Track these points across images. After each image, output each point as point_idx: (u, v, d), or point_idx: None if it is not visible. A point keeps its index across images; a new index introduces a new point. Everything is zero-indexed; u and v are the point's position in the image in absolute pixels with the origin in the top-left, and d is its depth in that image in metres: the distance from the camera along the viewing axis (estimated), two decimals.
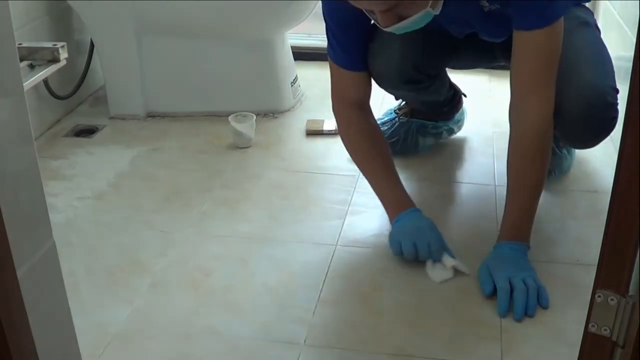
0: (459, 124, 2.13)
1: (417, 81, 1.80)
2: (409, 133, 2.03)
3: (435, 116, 2.06)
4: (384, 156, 1.70)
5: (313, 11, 2.22)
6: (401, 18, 1.40)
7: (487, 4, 1.53)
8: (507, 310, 1.44)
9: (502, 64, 1.88)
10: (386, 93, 1.93)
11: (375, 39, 1.73)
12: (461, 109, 2.13)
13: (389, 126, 2.05)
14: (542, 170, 1.53)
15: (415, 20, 1.41)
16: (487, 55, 1.85)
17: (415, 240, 1.55)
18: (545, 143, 1.52)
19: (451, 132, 2.12)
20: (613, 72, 1.62)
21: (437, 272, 1.55)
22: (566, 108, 1.55)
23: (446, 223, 1.71)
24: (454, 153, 2.09)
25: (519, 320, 1.42)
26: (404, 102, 2.09)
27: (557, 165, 1.89)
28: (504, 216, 1.56)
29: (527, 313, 1.43)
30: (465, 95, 2.12)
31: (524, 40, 1.46)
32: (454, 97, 2.06)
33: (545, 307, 1.45)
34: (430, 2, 1.39)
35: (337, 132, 1.83)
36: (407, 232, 1.57)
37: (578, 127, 1.60)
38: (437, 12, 1.43)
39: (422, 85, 1.83)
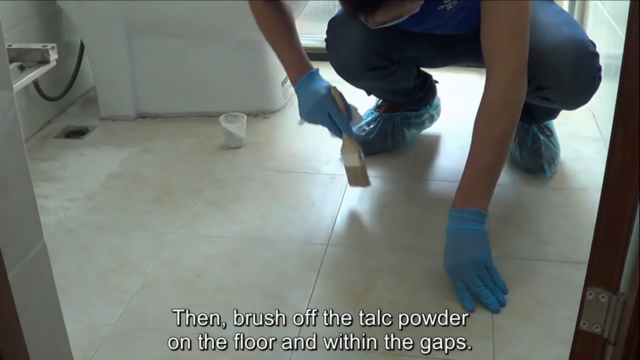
0: (438, 109, 2.15)
1: (380, 67, 1.81)
2: (395, 127, 2.05)
3: (415, 105, 2.07)
4: (290, 30, 1.79)
5: (303, 11, 2.21)
6: (393, 18, 1.45)
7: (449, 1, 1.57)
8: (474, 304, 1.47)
9: (463, 60, 1.95)
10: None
11: (330, 31, 1.79)
12: (437, 95, 2.13)
13: (375, 124, 2.05)
14: (508, 126, 1.50)
15: (404, 19, 1.47)
16: (446, 46, 1.85)
17: (317, 113, 1.74)
18: (515, 98, 1.51)
19: (432, 119, 2.14)
20: (585, 32, 1.69)
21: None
22: (552, 61, 1.57)
23: (443, 221, 1.71)
24: (447, 152, 2.09)
25: (497, 312, 1.45)
26: (380, 100, 2.10)
27: (553, 157, 1.93)
28: (461, 179, 1.53)
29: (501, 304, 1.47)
30: (437, 82, 2.12)
31: (491, 7, 1.48)
32: (425, 82, 2.06)
33: (505, 293, 1.48)
34: (421, 4, 1.45)
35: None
36: (310, 103, 1.73)
37: (567, 78, 1.61)
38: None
39: (386, 72, 1.83)
